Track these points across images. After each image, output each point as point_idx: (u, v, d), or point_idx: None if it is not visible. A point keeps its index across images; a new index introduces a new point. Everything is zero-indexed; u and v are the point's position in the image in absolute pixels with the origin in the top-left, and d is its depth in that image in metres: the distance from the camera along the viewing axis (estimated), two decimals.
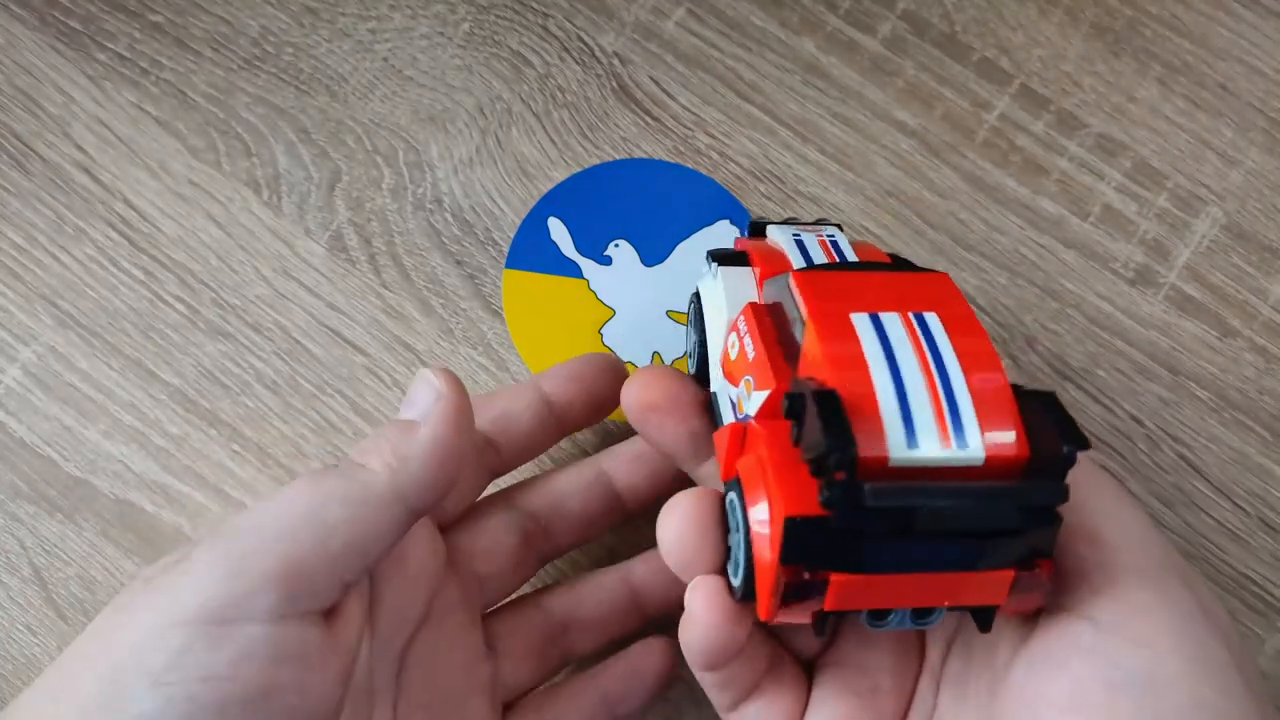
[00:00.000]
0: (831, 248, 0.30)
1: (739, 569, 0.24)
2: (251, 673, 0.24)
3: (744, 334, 0.28)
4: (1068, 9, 0.44)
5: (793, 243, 0.30)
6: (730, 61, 0.43)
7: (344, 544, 0.26)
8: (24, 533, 0.40)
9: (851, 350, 0.24)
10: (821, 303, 0.25)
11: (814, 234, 0.31)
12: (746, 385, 0.27)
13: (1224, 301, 0.41)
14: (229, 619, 0.24)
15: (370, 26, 0.43)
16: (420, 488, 0.28)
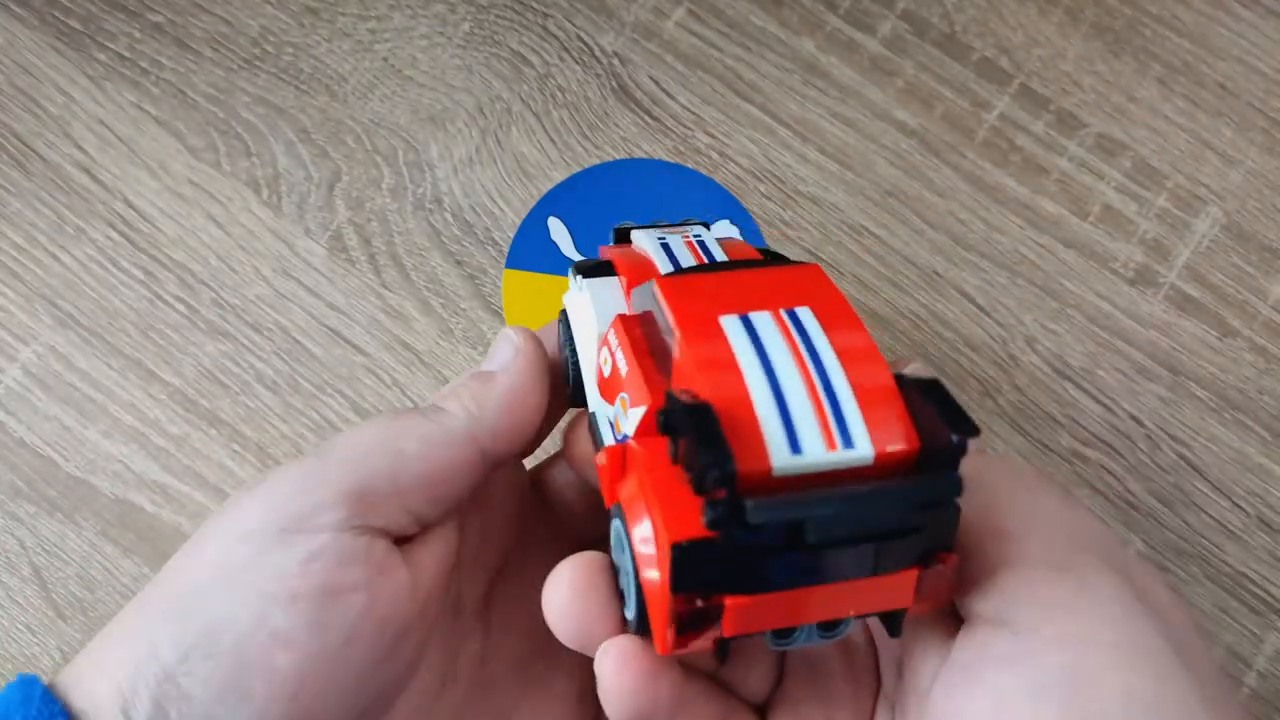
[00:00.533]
0: (699, 248, 0.28)
1: (630, 601, 0.22)
2: (319, 571, 0.25)
3: (615, 348, 0.26)
4: (1068, 9, 0.44)
5: (658, 247, 0.28)
6: (730, 61, 0.43)
7: (415, 477, 0.27)
8: (24, 533, 0.40)
9: (722, 356, 0.22)
10: (688, 308, 0.23)
11: (679, 235, 0.29)
12: (622, 403, 0.25)
13: (1224, 301, 0.41)
14: (299, 528, 0.25)
15: (370, 26, 0.43)
16: (495, 434, 0.28)
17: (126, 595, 0.39)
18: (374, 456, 0.27)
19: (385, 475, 0.27)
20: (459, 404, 0.28)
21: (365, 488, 0.26)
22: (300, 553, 0.25)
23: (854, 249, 0.41)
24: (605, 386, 0.26)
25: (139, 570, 0.39)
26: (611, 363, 0.26)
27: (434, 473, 0.27)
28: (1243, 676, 0.38)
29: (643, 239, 0.29)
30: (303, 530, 0.25)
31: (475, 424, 0.28)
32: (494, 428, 0.28)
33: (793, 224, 0.42)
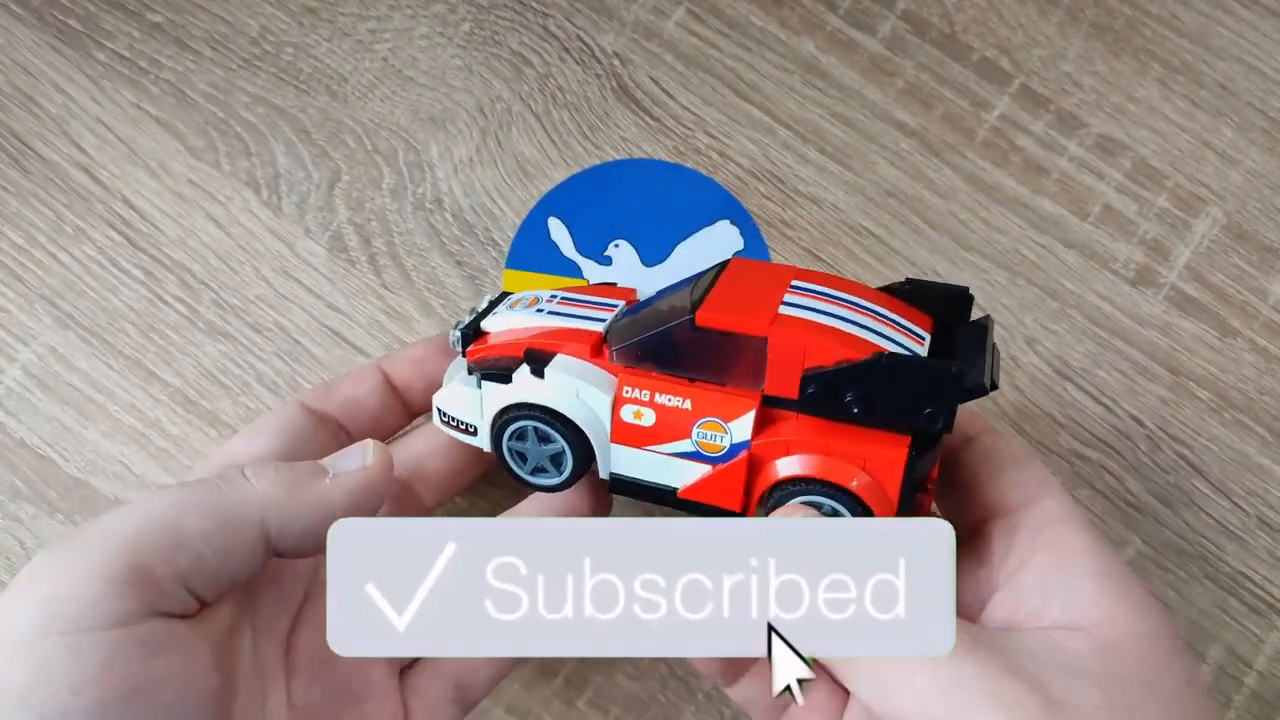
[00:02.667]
0: (576, 302, 0.33)
1: None
2: (123, 673, 0.23)
3: (643, 397, 0.29)
4: (1068, 9, 0.44)
5: (561, 313, 0.32)
6: (730, 61, 0.43)
7: (195, 558, 0.25)
8: (24, 533, 0.39)
9: (804, 319, 0.29)
10: (742, 309, 0.29)
11: (537, 306, 0.33)
12: (710, 426, 0.29)
13: (1224, 301, 0.41)
14: (82, 627, 0.23)
15: (370, 26, 0.43)
16: (287, 532, 0.27)
17: None
18: (150, 535, 0.25)
19: (163, 556, 0.25)
20: (269, 484, 0.27)
21: (144, 571, 0.24)
22: (92, 658, 0.23)
23: (854, 249, 0.41)
24: (652, 434, 0.29)
25: None
26: (652, 409, 0.29)
27: (214, 555, 0.25)
28: (1243, 676, 0.38)
29: (518, 316, 0.33)
30: (87, 630, 0.23)
31: (272, 512, 0.26)
32: (291, 527, 0.27)
33: (793, 224, 0.42)
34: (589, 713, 0.38)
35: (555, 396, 0.30)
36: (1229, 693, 0.38)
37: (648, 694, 0.38)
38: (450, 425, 0.32)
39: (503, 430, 0.31)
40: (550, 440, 0.30)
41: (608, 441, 0.30)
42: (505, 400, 0.30)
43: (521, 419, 0.30)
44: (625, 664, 0.38)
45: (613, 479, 0.31)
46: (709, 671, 0.31)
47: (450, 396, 0.32)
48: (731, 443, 0.29)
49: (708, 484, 0.29)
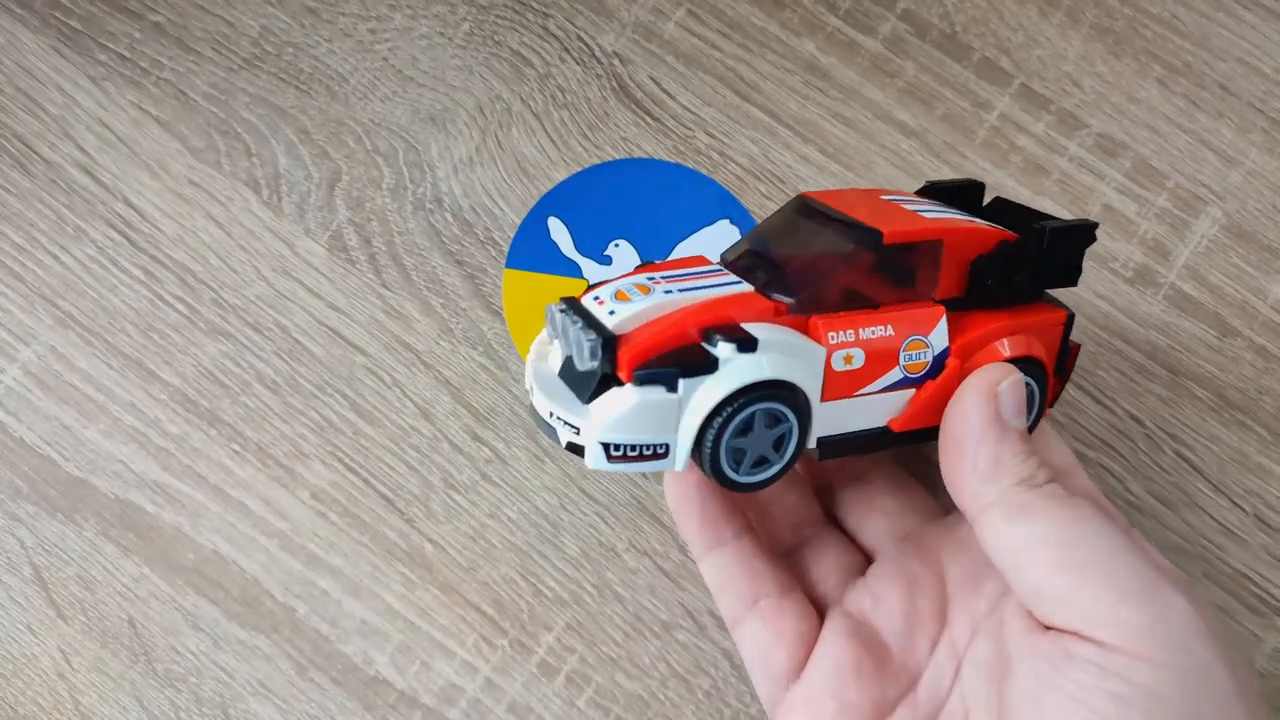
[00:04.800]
0: (688, 276, 0.29)
1: None
2: None
3: (849, 338, 0.27)
4: (1068, 10, 0.44)
5: (690, 288, 0.28)
6: (730, 61, 0.43)
7: None
8: (24, 533, 0.40)
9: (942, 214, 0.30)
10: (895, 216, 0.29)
11: (661, 289, 0.28)
12: (914, 345, 0.28)
13: (1224, 301, 0.41)
14: None
15: (370, 26, 0.43)
16: None
17: (127, 595, 0.39)
18: None
19: None
20: None
21: None
22: None
23: None
24: (863, 375, 0.28)
25: (139, 570, 0.39)
26: (860, 348, 0.27)
27: None
28: None
29: (637, 311, 0.27)
30: None
31: None
32: None
33: None
34: (589, 712, 0.38)
35: (783, 365, 0.26)
36: None
37: (648, 693, 0.38)
38: (628, 458, 0.26)
39: (723, 430, 0.26)
40: (780, 421, 0.27)
41: (819, 402, 0.27)
42: (726, 389, 0.25)
43: (749, 404, 0.26)
44: (626, 663, 0.38)
45: (820, 443, 0.28)
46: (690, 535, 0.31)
47: (629, 420, 0.25)
48: (934, 355, 0.28)
49: (920, 407, 0.28)
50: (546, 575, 0.39)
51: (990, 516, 0.27)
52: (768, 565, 0.31)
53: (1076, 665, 0.25)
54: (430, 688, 0.38)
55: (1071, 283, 0.31)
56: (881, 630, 0.30)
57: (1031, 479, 0.27)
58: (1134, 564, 0.25)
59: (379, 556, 0.39)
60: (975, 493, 0.27)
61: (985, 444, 0.27)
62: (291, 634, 0.39)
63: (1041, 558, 0.26)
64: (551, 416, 0.27)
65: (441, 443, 0.40)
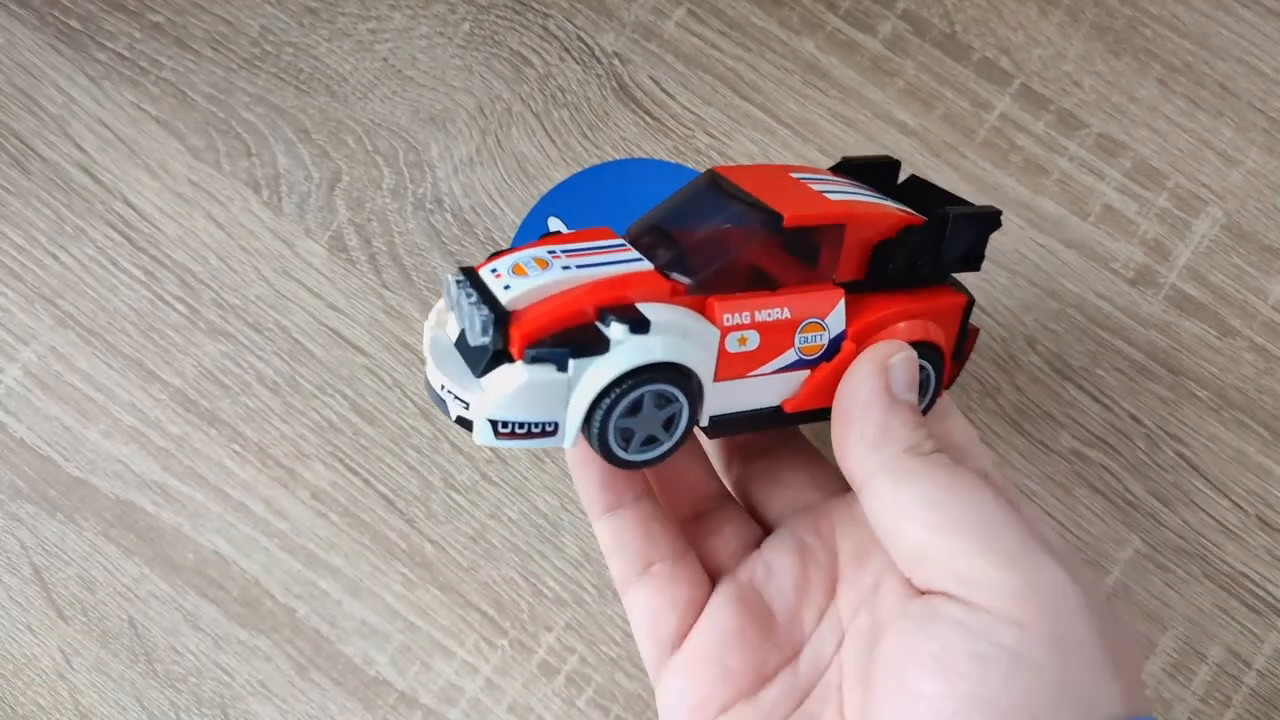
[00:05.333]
0: (587, 250, 0.28)
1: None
2: None
3: (749, 321, 0.27)
4: (1068, 9, 0.44)
5: (588, 264, 0.27)
6: (730, 61, 0.43)
7: None
8: (24, 533, 0.40)
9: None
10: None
11: (559, 265, 0.27)
12: (810, 328, 0.28)
13: (1224, 301, 0.41)
14: None
15: (370, 26, 0.43)
16: None
17: (127, 596, 0.39)
18: None
19: None
20: None
21: None
22: None
23: None
24: (756, 356, 0.28)
25: (139, 571, 0.39)
26: (755, 329, 0.27)
27: None
28: (1243, 676, 0.38)
29: (532, 287, 0.27)
30: None
31: None
32: None
33: None
34: (589, 712, 0.38)
35: (674, 348, 0.26)
36: (1229, 693, 0.38)
37: (649, 693, 0.38)
38: (516, 435, 0.26)
39: (611, 410, 0.25)
40: (670, 401, 0.26)
41: (712, 382, 0.27)
42: (616, 371, 0.25)
43: (639, 386, 0.25)
44: (626, 663, 0.38)
45: (713, 422, 0.28)
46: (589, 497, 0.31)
47: (518, 397, 0.25)
48: (830, 338, 0.28)
49: (814, 388, 0.29)
50: (546, 575, 0.39)
51: (875, 482, 0.27)
52: (664, 531, 0.31)
53: (941, 624, 0.25)
54: (430, 688, 0.38)
55: (974, 268, 0.31)
56: (771, 600, 0.31)
57: (918, 447, 0.27)
58: (1014, 532, 0.25)
59: (379, 556, 0.39)
60: (862, 459, 0.27)
61: (873, 412, 0.27)
62: (291, 634, 0.39)
63: (921, 519, 0.26)
64: (443, 389, 0.26)
65: (441, 443, 0.40)
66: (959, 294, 0.31)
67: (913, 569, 0.26)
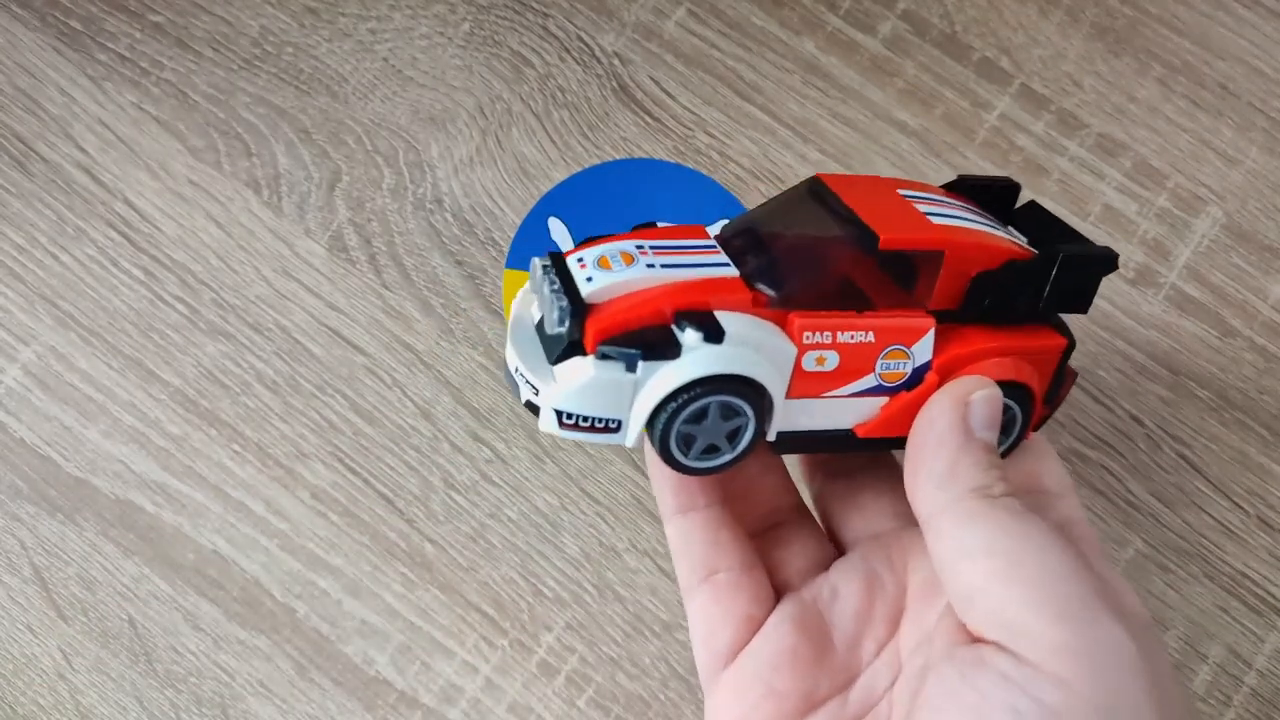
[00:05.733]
0: (677, 249, 0.28)
1: None
2: None
3: (823, 339, 0.26)
4: (1068, 9, 0.44)
5: (674, 264, 0.27)
6: (730, 61, 0.43)
7: None
8: (24, 533, 0.40)
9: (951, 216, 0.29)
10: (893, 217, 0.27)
11: (645, 261, 0.27)
12: (894, 355, 0.27)
13: (1224, 301, 0.41)
14: None
15: (370, 26, 0.43)
16: None
17: (127, 595, 0.39)
18: None
19: None
20: None
21: None
22: None
23: None
24: (834, 378, 0.27)
25: (139, 571, 0.39)
26: (835, 350, 0.27)
27: None
28: (1243, 676, 0.38)
29: (615, 282, 0.27)
30: None
31: None
32: None
33: None
34: (590, 712, 0.38)
35: (746, 361, 0.25)
36: (1229, 692, 0.38)
37: (649, 693, 0.38)
38: (579, 428, 0.26)
39: (675, 415, 0.25)
40: (736, 414, 0.26)
41: (784, 398, 0.27)
42: (682, 378, 0.25)
43: (705, 396, 0.25)
44: (626, 663, 0.38)
45: (780, 438, 0.27)
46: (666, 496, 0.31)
47: (584, 392, 0.25)
48: (914, 367, 0.27)
49: (890, 416, 0.28)
50: (546, 575, 0.39)
51: (939, 521, 0.26)
52: (733, 539, 0.30)
53: (983, 674, 0.24)
54: (430, 688, 0.38)
55: (1082, 310, 0.29)
56: (832, 625, 0.30)
57: (988, 489, 0.26)
58: (1077, 585, 0.24)
59: (379, 556, 0.39)
60: (929, 497, 0.27)
61: (946, 449, 0.27)
62: (291, 634, 0.39)
63: (981, 565, 0.25)
64: (516, 371, 0.27)
65: (441, 443, 0.40)
66: (1060, 336, 0.29)
67: (965, 613, 0.26)
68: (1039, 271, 0.28)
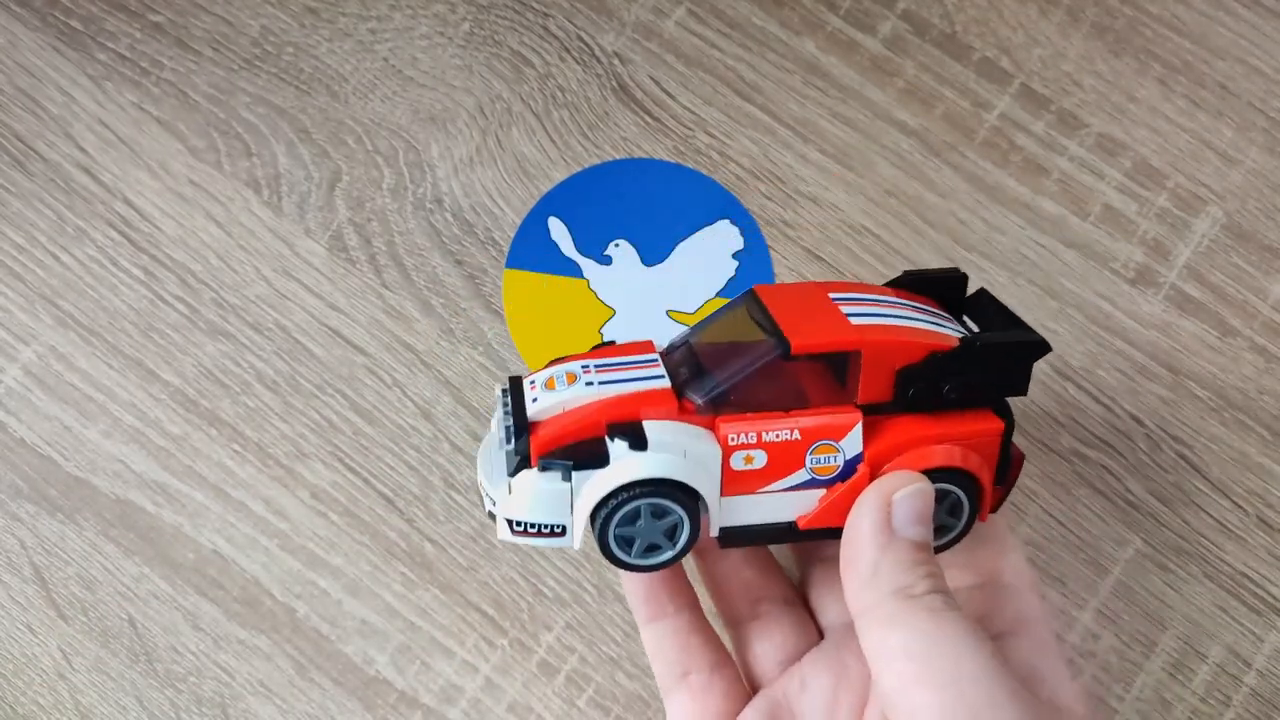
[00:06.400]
0: (616, 366, 0.30)
1: None
2: None
3: (754, 441, 0.28)
4: (1068, 9, 0.44)
5: (611, 380, 0.29)
6: (730, 61, 0.43)
7: None
8: (24, 532, 0.40)
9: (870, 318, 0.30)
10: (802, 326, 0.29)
11: (584, 380, 0.30)
12: (823, 449, 0.29)
13: (1224, 301, 0.41)
14: None
15: (370, 26, 0.43)
16: None
17: (127, 595, 0.39)
18: None
19: None
20: None
21: None
22: None
23: (854, 249, 0.41)
24: (765, 474, 0.29)
25: (139, 570, 0.39)
26: (762, 449, 0.28)
27: None
28: (1243, 676, 0.38)
29: (554, 402, 0.29)
30: None
31: None
32: None
33: (793, 224, 0.42)
34: (590, 711, 0.38)
35: (668, 465, 0.28)
36: (1229, 692, 0.38)
37: (649, 692, 0.38)
38: (528, 534, 0.29)
39: (609, 518, 0.28)
40: (667, 514, 0.28)
41: (719, 497, 0.29)
42: (612, 484, 0.27)
43: (633, 499, 0.28)
44: (626, 663, 0.38)
45: (723, 533, 0.29)
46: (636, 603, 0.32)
47: (529, 501, 0.28)
48: (845, 460, 0.29)
49: (828, 507, 0.29)
50: (546, 575, 0.39)
51: (861, 621, 0.27)
52: (703, 642, 0.32)
53: None
54: (430, 688, 0.38)
55: (1019, 393, 0.30)
56: (800, 718, 0.31)
57: (909, 589, 0.26)
58: (985, 691, 0.25)
59: (379, 556, 0.39)
60: (854, 596, 0.27)
61: (868, 550, 0.27)
62: (291, 634, 0.39)
63: (895, 668, 0.25)
64: (480, 486, 0.30)
65: (442, 443, 0.40)
66: (995, 419, 0.30)
67: (888, 711, 0.26)
68: (963, 360, 0.29)
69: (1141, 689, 0.38)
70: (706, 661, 0.31)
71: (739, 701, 0.31)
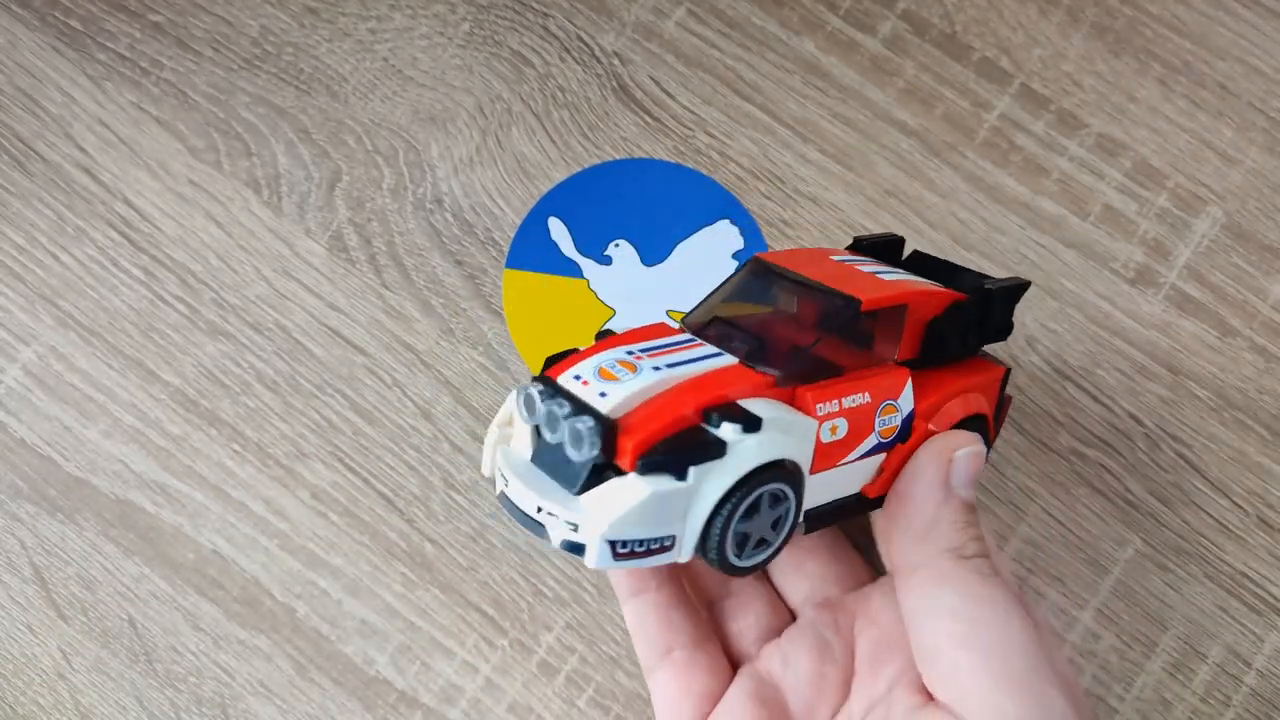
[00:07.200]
0: (666, 348, 0.27)
1: None
2: None
3: (837, 410, 0.26)
4: (1068, 9, 0.44)
5: (675, 361, 0.26)
6: (730, 61, 0.43)
7: None
8: (24, 533, 0.40)
9: None
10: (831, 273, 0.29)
11: (650, 364, 0.26)
12: (887, 410, 0.27)
13: (1224, 301, 0.41)
14: None
15: (370, 26, 0.43)
16: None
17: (127, 595, 0.39)
18: None
19: None
20: None
21: None
22: None
23: None
24: (845, 444, 0.27)
25: (139, 570, 0.39)
26: (844, 417, 0.27)
27: None
28: (1243, 676, 0.38)
29: (628, 393, 0.25)
30: None
31: None
32: None
33: (793, 224, 0.42)
34: (590, 711, 0.38)
35: (785, 445, 0.24)
36: (1229, 692, 0.38)
37: (649, 692, 0.38)
38: (635, 554, 0.24)
39: (732, 514, 0.24)
40: (782, 499, 0.25)
41: (808, 475, 0.26)
42: (738, 473, 0.24)
43: (758, 487, 0.24)
44: (626, 662, 0.38)
45: (807, 518, 0.27)
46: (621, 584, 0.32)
47: (639, 513, 0.23)
48: (902, 419, 0.28)
49: (892, 471, 0.28)
50: (546, 575, 0.39)
51: (912, 577, 0.27)
52: (685, 617, 0.32)
53: None
54: (430, 688, 0.38)
55: (1003, 338, 0.32)
56: (787, 694, 0.31)
57: (961, 549, 0.27)
58: (1029, 658, 0.25)
59: (379, 556, 0.39)
60: (903, 552, 0.27)
61: (926, 506, 0.27)
62: (291, 634, 0.39)
63: (944, 627, 0.26)
64: (540, 512, 0.24)
65: (441, 443, 0.40)
66: (997, 365, 0.31)
67: (925, 668, 0.26)
68: (978, 308, 0.30)
69: (1142, 689, 0.38)
70: (689, 637, 0.31)
71: (722, 678, 0.31)
